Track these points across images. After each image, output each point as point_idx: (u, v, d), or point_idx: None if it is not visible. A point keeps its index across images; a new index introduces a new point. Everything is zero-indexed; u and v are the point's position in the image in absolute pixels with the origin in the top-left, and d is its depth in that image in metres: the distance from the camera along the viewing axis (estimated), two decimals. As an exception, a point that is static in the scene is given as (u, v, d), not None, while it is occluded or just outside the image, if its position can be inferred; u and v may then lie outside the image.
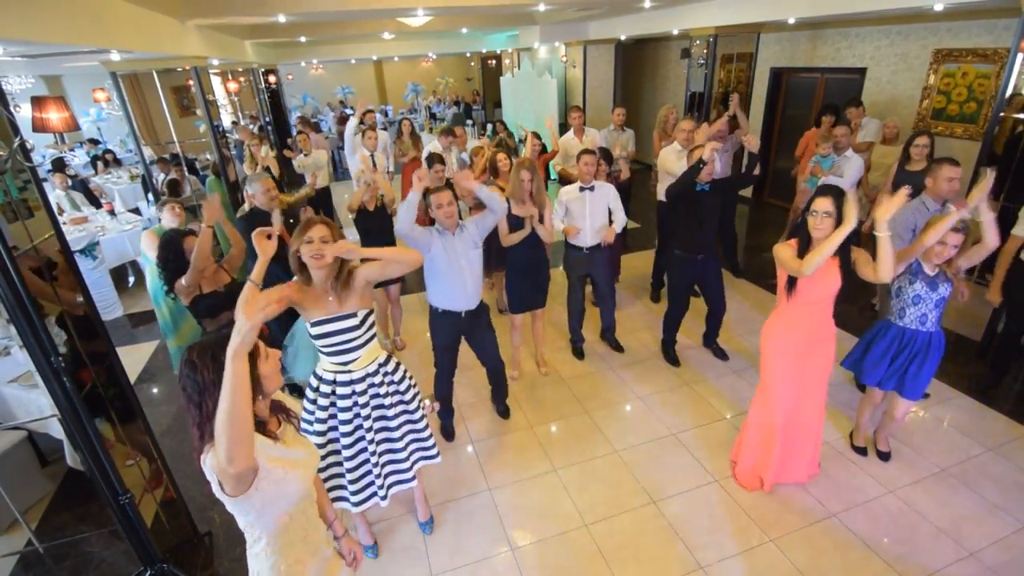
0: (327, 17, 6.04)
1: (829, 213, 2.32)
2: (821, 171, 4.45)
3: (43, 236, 2.06)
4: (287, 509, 1.42)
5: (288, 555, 1.45)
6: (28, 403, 3.13)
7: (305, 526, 1.50)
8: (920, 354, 2.69)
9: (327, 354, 2.19)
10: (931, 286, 2.59)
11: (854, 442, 3.16)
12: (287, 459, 1.42)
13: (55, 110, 3.30)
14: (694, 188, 3.49)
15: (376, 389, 2.29)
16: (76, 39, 3.04)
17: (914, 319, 2.66)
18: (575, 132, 5.46)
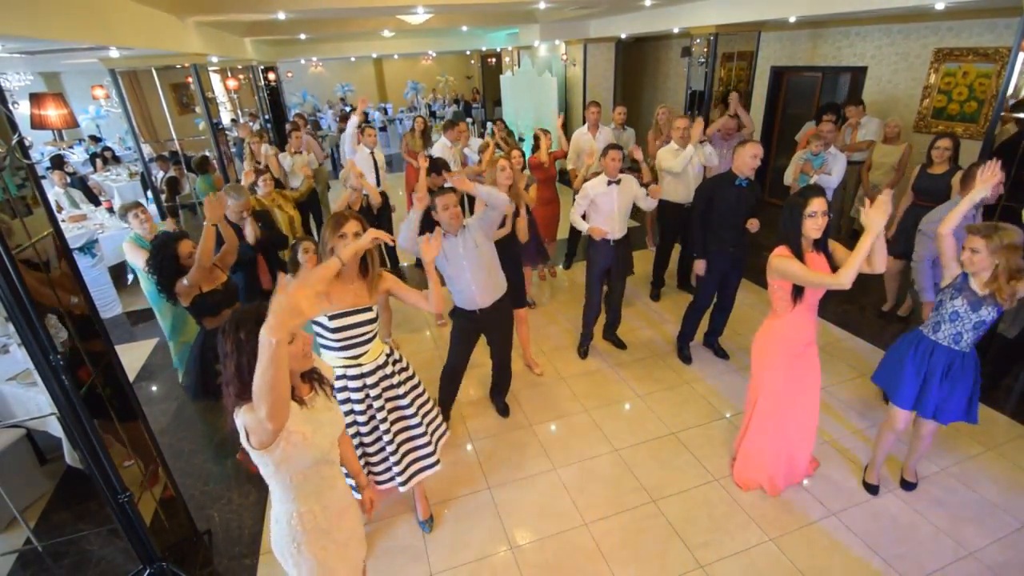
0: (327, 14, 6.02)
1: (827, 212, 2.30)
2: (811, 169, 4.45)
3: (42, 234, 2.05)
4: (302, 469, 1.54)
5: (300, 505, 1.59)
6: (27, 401, 3.12)
7: (319, 484, 1.61)
8: (956, 375, 2.48)
9: (338, 348, 2.20)
10: (973, 307, 2.35)
11: (867, 479, 2.89)
12: (310, 425, 1.52)
13: (53, 107, 3.29)
14: (734, 182, 3.49)
15: (389, 380, 2.35)
16: (75, 35, 3.03)
17: (947, 336, 2.45)
18: (590, 128, 5.45)
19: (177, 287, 2.77)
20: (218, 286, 2.89)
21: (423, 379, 2.63)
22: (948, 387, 2.50)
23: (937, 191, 3.96)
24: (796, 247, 2.38)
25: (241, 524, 2.88)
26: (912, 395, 2.57)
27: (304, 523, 1.60)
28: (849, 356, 4.06)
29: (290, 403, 1.38)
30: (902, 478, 2.90)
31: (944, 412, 2.55)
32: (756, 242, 6.26)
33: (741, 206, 3.56)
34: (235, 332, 1.43)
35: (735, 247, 3.69)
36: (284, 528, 1.62)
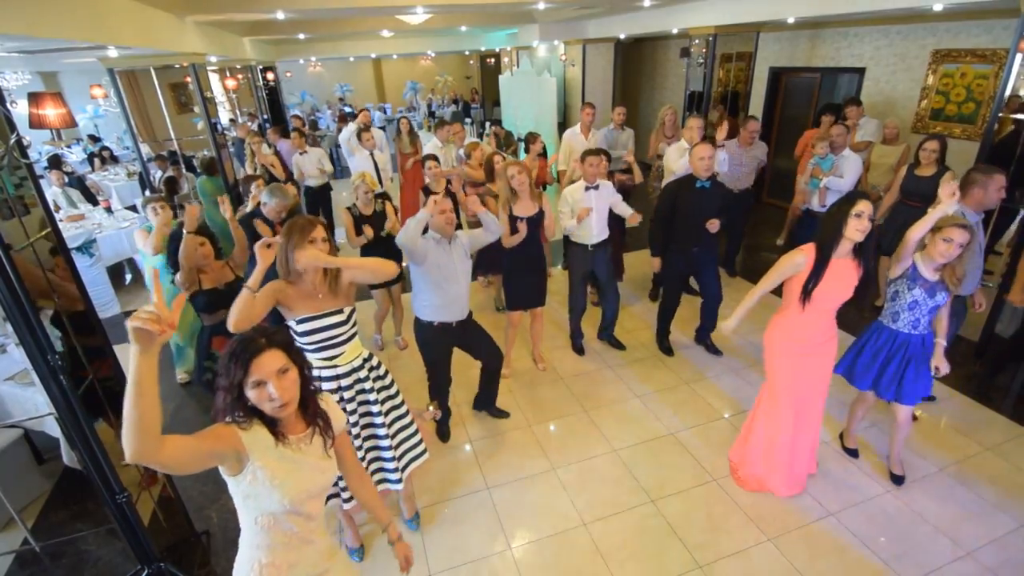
0: (326, 14, 6.02)
1: (872, 217, 2.32)
2: (821, 172, 4.44)
3: (39, 233, 2.05)
4: (268, 511, 1.38)
5: (264, 555, 1.41)
6: (24, 401, 3.11)
7: (290, 537, 1.42)
8: (915, 357, 2.64)
9: (312, 351, 2.19)
10: (929, 293, 2.51)
11: (845, 443, 3.12)
12: (284, 465, 1.37)
13: (52, 106, 3.28)
14: (694, 184, 3.51)
15: (362, 384, 2.30)
16: (74, 34, 3.03)
17: (907, 323, 2.62)
18: (582, 129, 5.45)
19: (176, 279, 2.85)
20: (220, 285, 2.91)
21: (421, 379, 2.62)
22: (913, 370, 2.65)
23: (924, 192, 3.98)
24: (827, 250, 2.36)
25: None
26: (869, 377, 2.76)
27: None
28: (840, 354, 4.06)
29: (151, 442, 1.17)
30: (891, 473, 2.95)
31: (909, 394, 2.69)
32: (753, 243, 6.30)
33: (704, 208, 3.60)
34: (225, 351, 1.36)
35: (697, 247, 3.73)
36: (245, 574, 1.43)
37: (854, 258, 2.42)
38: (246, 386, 1.33)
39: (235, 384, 1.33)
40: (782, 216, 6.52)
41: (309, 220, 2.10)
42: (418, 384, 3.85)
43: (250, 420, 1.38)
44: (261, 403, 1.35)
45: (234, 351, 1.33)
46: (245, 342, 1.35)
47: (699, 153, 3.51)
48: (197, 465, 1.28)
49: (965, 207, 3.09)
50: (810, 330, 2.54)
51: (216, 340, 2.94)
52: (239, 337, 1.37)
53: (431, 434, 3.39)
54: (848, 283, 2.43)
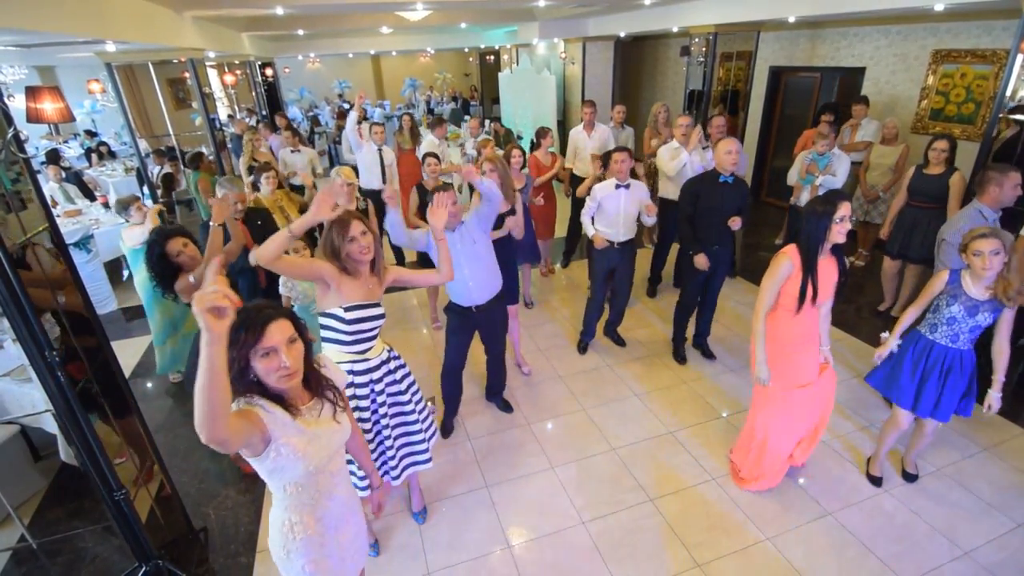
0: (325, 10, 6.00)
1: (852, 216, 2.33)
2: (817, 169, 4.44)
3: (37, 229, 2.03)
4: (295, 480, 1.48)
5: (293, 515, 1.53)
6: (21, 397, 3.09)
7: (315, 495, 1.54)
8: (954, 372, 2.53)
9: (350, 343, 2.18)
10: (970, 312, 2.40)
11: (870, 471, 2.94)
12: (304, 438, 1.44)
13: (50, 100, 3.26)
14: (717, 179, 3.49)
15: (392, 375, 2.35)
16: (73, 29, 3.00)
17: (944, 336, 2.51)
18: (585, 127, 5.44)
19: (179, 284, 2.71)
20: None
21: (419, 380, 2.62)
22: (950, 386, 2.54)
23: (933, 192, 3.97)
24: (813, 253, 2.36)
25: (237, 522, 2.87)
26: (911, 395, 2.62)
27: (296, 533, 1.54)
28: (845, 356, 4.07)
29: (225, 421, 1.20)
30: (903, 470, 2.96)
31: (940, 410, 2.59)
32: (752, 242, 6.31)
33: (726, 204, 3.54)
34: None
35: (719, 245, 3.67)
36: (277, 534, 1.57)
37: (832, 255, 2.46)
38: (254, 356, 1.35)
39: (243, 355, 1.33)
40: (781, 215, 6.53)
41: (347, 216, 2.06)
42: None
43: (257, 401, 1.38)
44: (268, 374, 1.37)
45: (245, 319, 1.32)
46: (256, 310, 1.37)
47: (725, 147, 3.39)
48: (241, 444, 1.32)
49: (983, 205, 3.11)
50: (800, 328, 2.54)
51: None
52: (247, 307, 1.36)
53: None
54: (832, 280, 2.46)
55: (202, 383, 1.15)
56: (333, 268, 2.08)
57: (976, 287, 2.38)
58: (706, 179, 3.60)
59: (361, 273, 2.14)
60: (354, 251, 2.05)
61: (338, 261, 2.07)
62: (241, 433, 1.30)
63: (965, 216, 3.17)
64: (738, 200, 3.55)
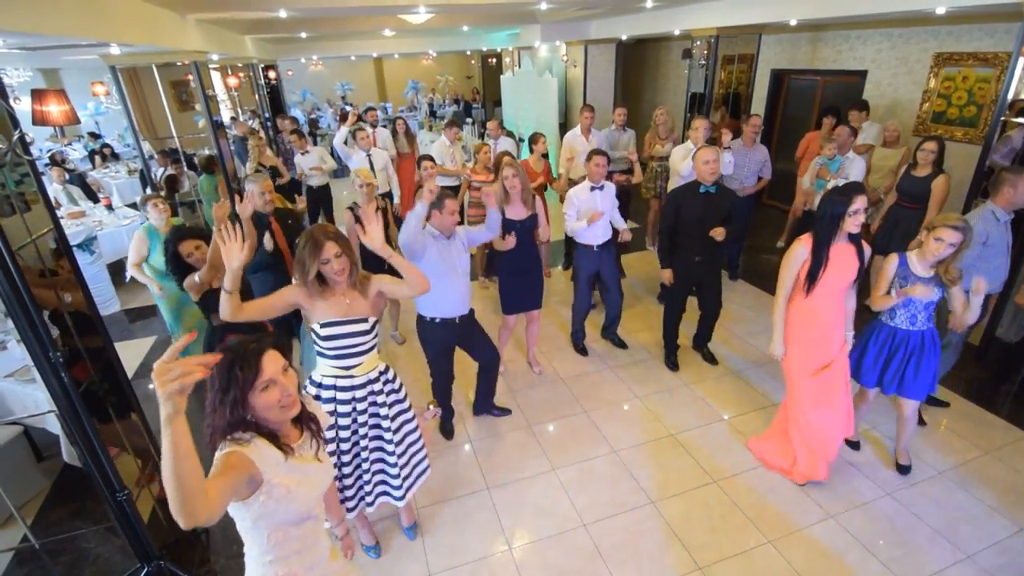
0: (328, 13, 6.02)
1: (867, 209, 2.45)
2: (828, 173, 4.41)
3: (42, 231, 2.04)
4: (283, 526, 1.36)
5: (280, 568, 1.39)
6: (24, 398, 3.11)
7: (302, 542, 1.42)
8: (916, 353, 2.71)
9: (331, 357, 2.16)
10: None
11: (848, 437, 3.07)
12: (295, 477, 1.35)
13: (55, 103, 3.28)
14: (698, 189, 3.48)
15: (375, 397, 2.27)
16: (77, 32, 3.02)
17: (904, 319, 2.70)
18: (583, 131, 5.45)
19: (186, 283, 2.77)
20: None
21: (422, 380, 2.61)
22: (915, 364, 2.71)
23: (919, 193, 3.99)
24: (825, 242, 2.49)
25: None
26: (874, 376, 2.84)
27: None
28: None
29: (204, 498, 1.11)
30: (896, 463, 3.02)
31: (912, 390, 2.75)
32: (753, 244, 6.30)
33: (709, 215, 3.48)
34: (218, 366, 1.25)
35: (701, 256, 3.60)
36: None
37: (850, 242, 2.55)
38: (253, 393, 1.29)
39: (243, 394, 1.27)
40: (783, 218, 6.52)
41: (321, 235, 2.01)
42: (416, 384, 3.86)
43: (247, 438, 1.30)
44: (270, 408, 1.31)
45: (235, 358, 1.27)
46: (242, 346, 1.31)
47: (703, 156, 3.40)
48: (227, 505, 1.21)
49: (996, 206, 3.11)
50: (820, 315, 2.62)
51: (229, 337, 2.89)
52: (234, 345, 1.32)
53: (433, 432, 3.39)
54: (849, 266, 2.55)
55: (171, 465, 1.06)
56: (302, 292, 2.04)
57: (921, 264, 2.57)
58: (687, 190, 3.57)
59: (335, 291, 2.09)
60: (327, 271, 2.03)
61: (303, 278, 2.02)
62: (225, 494, 1.19)
63: (978, 216, 3.15)
64: (722, 211, 3.51)
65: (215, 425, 1.29)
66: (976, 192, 3.94)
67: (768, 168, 5.09)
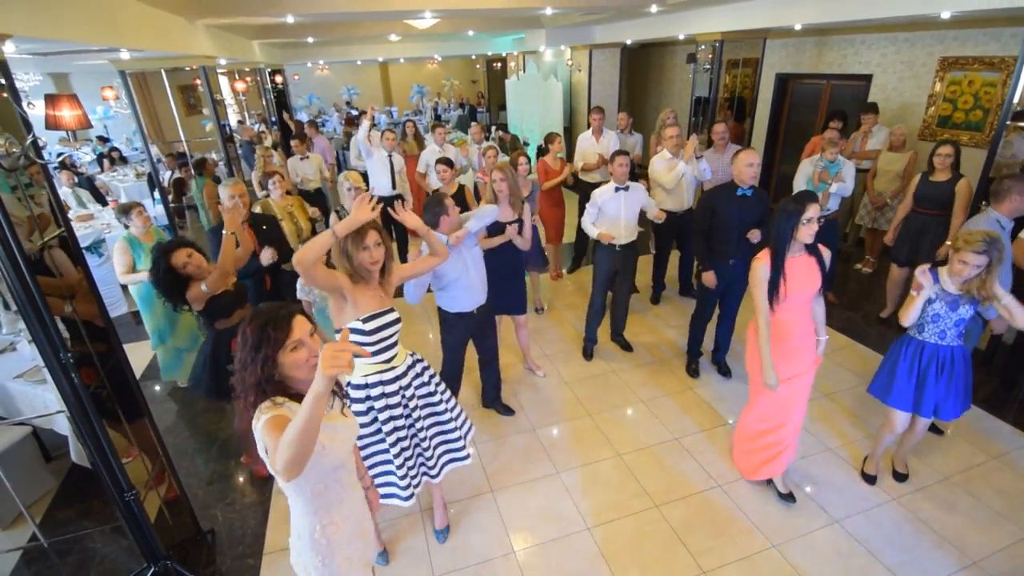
0: (335, 18, 6.07)
1: (820, 218, 2.39)
2: (829, 176, 4.39)
3: (54, 233, 2.07)
4: (322, 479, 1.51)
5: (323, 517, 1.55)
6: (33, 398, 3.14)
7: (340, 492, 1.57)
8: (948, 369, 2.59)
9: (376, 352, 2.18)
10: (951, 306, 2.49)
11: (866, 469, 3.00)
12: (327, 433, 1.47)
13: (68, 108, 3.32)
14: (735, 192, 3.43)
15: (420, 379, 2.38)
16: (88, 38, 3.07)
17: (932, 335, 2.59)
18: (593, 133, 5.47)
19: (191, 293, 2.72)
20: (228, 287, 2.88)
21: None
22: (944, 383, 2.61)
23: (938, 198, 3.95)
24: (781, 252, 2.44)
25: (244, 524, 2.89)
26: (909, 397, 2.67)
27: (328, 535, 1.56)
28: (852, 363, 4.06)
29: (307, 462, 1.27)
30: (894, 470, 3.00)
31: (944, 410, 2.65)
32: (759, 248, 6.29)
33: (744, 217, 3.45)
34: (250, 326, 1.41)
35: (735, 259, 3.56)
36: (307, 543, 1.57)
37: (809, 253, 2.50)
38: (283, 352, 1.40)
39: (274, 353, 1.39)
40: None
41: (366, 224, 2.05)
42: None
43: (280, 402, 1.40)
44: (298, 366, 1.42)
45: (269, 319, 1.39)
46: (276, 309, 1.44)
47: (746, 159, 3.32)
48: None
49: (999, 213, 3.09)
50: (791, 327, 2.57)
51: (234, 342, 2.88)
52: (265, 308, 1.44)
53: None
54: (811, 277, 2.50)
55: (303, 429, 1.19)
56: (347, 279, 2.08)
57: (952, 283, 2.49)
58: (724, 192, 3.50)
59: (371, 282, 2.15)
60: (364, 259, 2.06)
61: (350, 267, 2.07)
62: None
63: (982, 224, 3.13)
64: (757, 213, 3.47)
65: (246, 381, 1.41)
66: (983, 196, 3.92)
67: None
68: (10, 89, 1.90)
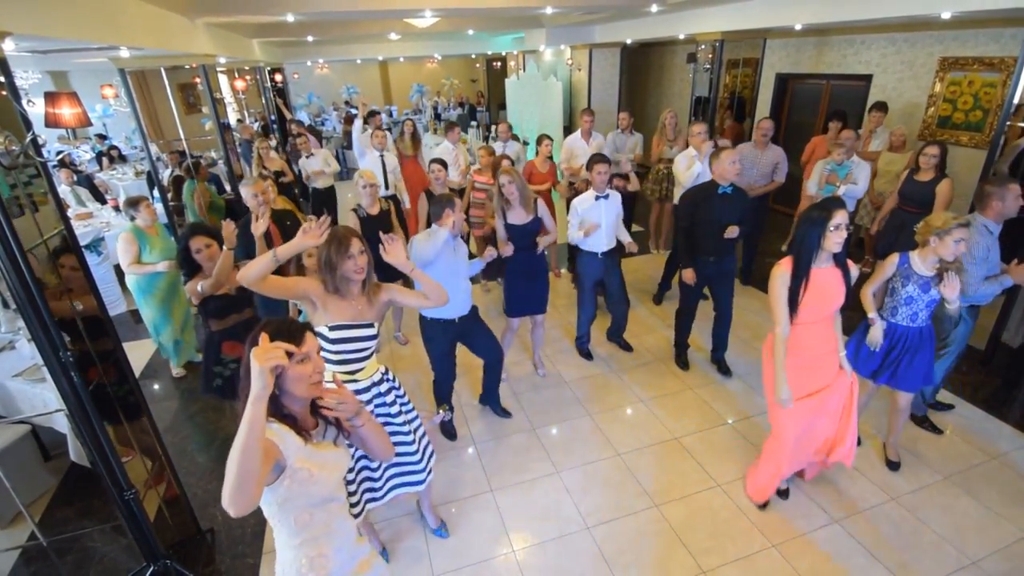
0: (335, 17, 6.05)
1: (848, 225, 2.28)
2: (838, 179, 4.37)
3: (52, 231, 2.07)
4: (308, 508, 1.43)
5: (310, 550, 1.46)
6: (32, 397, 3.13)
7: (328, 523, 1.49)
8: (912, 349, 2.76)
9: (336, 362, 2.16)
10: (923, 288, 2.63)
11: (889, 456, 3.07)
12: (315, 461, 1.41)
13: (68, 106, 3.32)
14: (716, 190, 3.47)
15: (383, 398, 2.29)
16: (89, 36, 3.05)
17: (905, 317, 2.74)
18: (582, 135, 5.46)
19: (188, 287, 2.76)
20: (231, 291, 2.84)
21: (425, 382, 2.63)
22: (909, 358, 2.77)
23: (921, 197, 3.99)
24: (806, 261, 2.32)
25: (243, 523, 2.88)
26: (870, 365, 2.90)
27: (315, 569, 1.46)
28: (852, 363, 4.06)
29: (255, 491, 1.19)
30: (886, 458, 3.06)
31: (906, 380, 2.81)
32: (761, 248, 6.30)
33: (724, 215, 3.50)
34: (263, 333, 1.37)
35: (716, 256, 3.61)
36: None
37: (836, 265, 2.41)
38: (291, 365, 1.36)
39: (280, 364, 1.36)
40: (788, 222, 6.51)
41: (347, 233, 2.05)
42: (420, 385, 3.87)
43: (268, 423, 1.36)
44: (301, 380, 1.39)
45: (281, 330, 1.38)
46: (287, 322, 1.44)
47: (730, 157, 3.39)
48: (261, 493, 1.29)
49: (986, 219, 3.10)
50: (810, 341, 2.46)
51: (227, 345, 2.88)
52: (274, 321, 1.42)
53: (435, 433, 3.39)
54: (836, 290, 2.40)
55: (244, 441, 1.14)
56: (318, 286, 2.06)
57: (926, 265, 2.61)
58: (704, 190, 3.57)
59: (350, 292, 2.11)
60: (349, 268, 2.04)
61: (331, 277, 2.05)
62: (263, 479, 1.26)
63: (972, 232, 3.13)
64: (737, 211, 3.51)
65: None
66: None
67: (782, 171, 5.02)
68: (10, 87, 1.89)
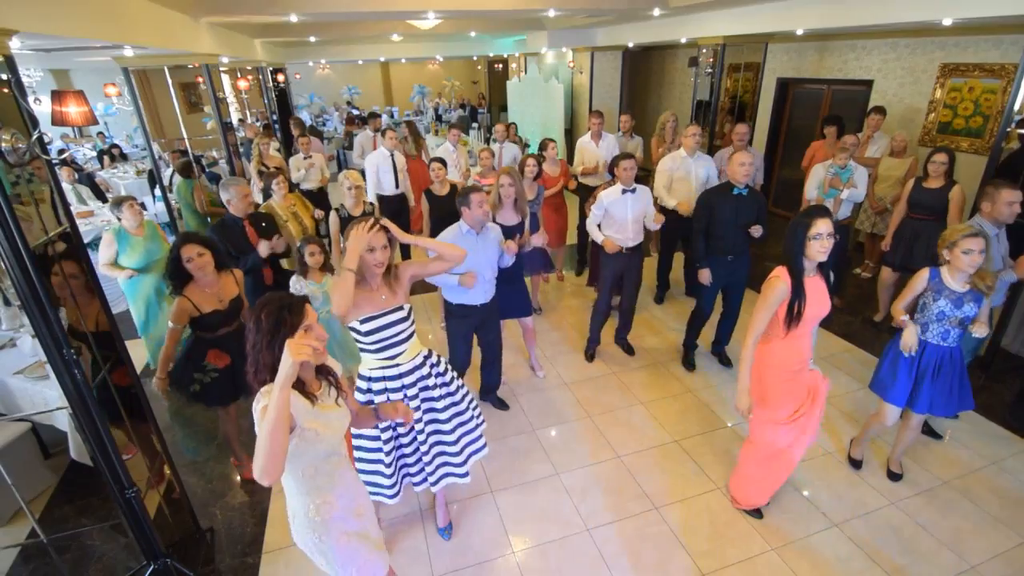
0: (338, 17, 6.08)
1: (832, 234, 2.23)
2: (840, 183, 4.37)
3: (58, 229, 2.07)
4: (313, 463, 1.62)
5: (315, 497, 1.66)
6: (33, 395, 3.13)
7: (331, 474, 1.68)
8: (946, 370, 2.63)
9: (375, 351, 2.20)
10: (955, 304, 2.51)
11: (852, 454, 3.11)
12: (321, 421, 1.58)
13: (74, 104, 3.33)
14: (731, 191, 3.55)
15: (424, 381, 2.34)
16: (94, 34, 3.07)
17: (936, 335, 2.61)
18: (592, 136, 5.48)
19: (177, 306, 2.68)
20: (220, 306, 2.77)
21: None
22: (942, 383, 2.66)
23: (932, 205, 3.99)
24: (797, 270, 2.29)
25: (243, 522, 2.89)
26: (905, 393, 2.72)
27: (322, 513, 1.67)
28: (851, 367, 4.07)
29: (284, 460, 1.37)
30: (888, 469, 3.02)
31: (940, 406, 2.70)
32: (760, 252, 6.31)
33: (740, 215, 3.59)
34: (265, 311, 1.51)
35: (733, 256, 3.71)
36: (303, 521, 1.68)
37: (820, 273, 2.37)
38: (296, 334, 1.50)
39: (290, 332, 1.49)
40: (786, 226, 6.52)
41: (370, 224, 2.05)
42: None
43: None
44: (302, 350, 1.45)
45: (283, 304, 1.52)
46: (288, 296, 1.56)
47: (740, 159, 3.45)
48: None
49: (984, 220, 3.14)
50: (800, 351, 2.45)
51: (212, 353, 2.80)
52: (275, 296, 1.55)
53: None
54: (823, 299, 2.38)
55: (273, 425, 1.30)
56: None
57: (956, 281, 2.52)
58: (720, 191, 3.65)
59: (371, 286, 2.15)
60: (370, 262, 2.07)
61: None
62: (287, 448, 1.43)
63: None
64: (753, 212, 3.60)
65: (262, 362, 1.51)
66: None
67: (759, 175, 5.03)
68: (16, 85, 1.90)
